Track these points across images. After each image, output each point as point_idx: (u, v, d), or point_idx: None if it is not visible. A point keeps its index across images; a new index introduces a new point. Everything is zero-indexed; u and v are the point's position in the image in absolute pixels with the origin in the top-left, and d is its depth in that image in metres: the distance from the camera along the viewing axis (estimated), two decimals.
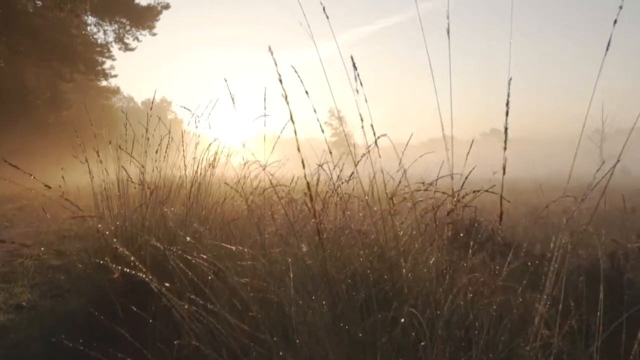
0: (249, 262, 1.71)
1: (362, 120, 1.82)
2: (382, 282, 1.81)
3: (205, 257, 1.56)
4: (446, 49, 1.75)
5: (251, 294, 1.55)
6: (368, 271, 1.82)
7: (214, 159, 3.10)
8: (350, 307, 1.83)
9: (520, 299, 1.63)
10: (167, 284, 1.53)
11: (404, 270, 1.75)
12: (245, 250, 1.68)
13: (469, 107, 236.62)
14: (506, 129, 1.47)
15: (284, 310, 1.49)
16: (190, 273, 1.56)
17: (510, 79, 1.46)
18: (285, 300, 1.45)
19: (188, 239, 1.89)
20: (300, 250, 1.64)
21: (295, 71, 1.70)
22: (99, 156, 3.58)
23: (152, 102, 4.11)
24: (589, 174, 1.66)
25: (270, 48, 1.56)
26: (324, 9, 1.84)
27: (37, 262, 4.60)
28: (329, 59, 1.98)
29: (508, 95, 1.44)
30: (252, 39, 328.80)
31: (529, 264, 2.00)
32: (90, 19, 26.91)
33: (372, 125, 1.82)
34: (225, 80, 2.47)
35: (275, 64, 1.51)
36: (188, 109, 3.53)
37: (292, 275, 1.44)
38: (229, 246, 1.72)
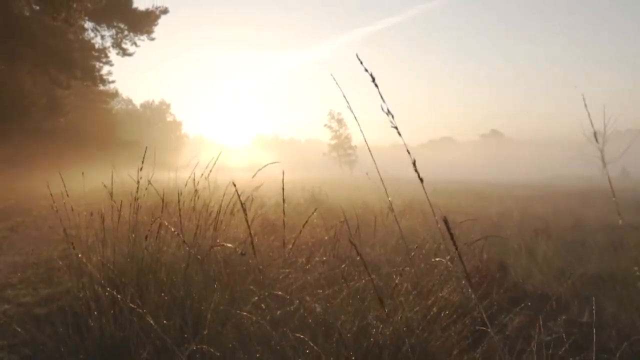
0: None
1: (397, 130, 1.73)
2: None
3: None
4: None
5: None
6: None
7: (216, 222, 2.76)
8: None
9: None
10: None
11: None
12: None
13: (469, 107, 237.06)
14: None
15: None
16: None
17: None
18: None
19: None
20: None
21: None
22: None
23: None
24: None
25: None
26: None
27: (21, 309, 4.24)
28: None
29: None
30: (252, 39, 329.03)
31: None
32: (88, 24, 26.57)
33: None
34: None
35: None
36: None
37: None
38: None
